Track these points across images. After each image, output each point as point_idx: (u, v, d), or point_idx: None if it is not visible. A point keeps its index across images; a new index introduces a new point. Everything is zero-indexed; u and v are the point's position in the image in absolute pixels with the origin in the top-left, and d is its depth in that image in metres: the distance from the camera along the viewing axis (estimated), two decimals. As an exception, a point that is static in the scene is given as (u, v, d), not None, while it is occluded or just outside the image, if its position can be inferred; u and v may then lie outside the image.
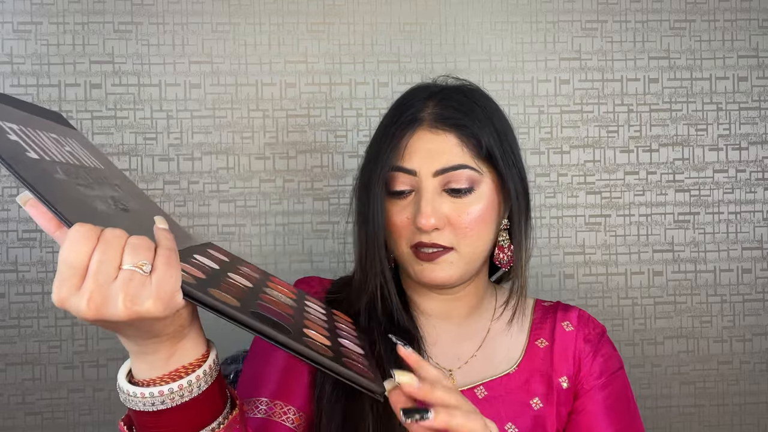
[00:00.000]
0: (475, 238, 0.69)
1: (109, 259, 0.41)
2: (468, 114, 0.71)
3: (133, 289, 0.41)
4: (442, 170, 0.68)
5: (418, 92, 0.74)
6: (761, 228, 1.12)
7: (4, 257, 1.02)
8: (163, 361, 0.47)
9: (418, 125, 0.70)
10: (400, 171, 0.69)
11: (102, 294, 0.40)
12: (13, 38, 1.02)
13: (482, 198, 0.70)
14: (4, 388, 1.02)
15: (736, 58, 1.11)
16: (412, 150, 0.69)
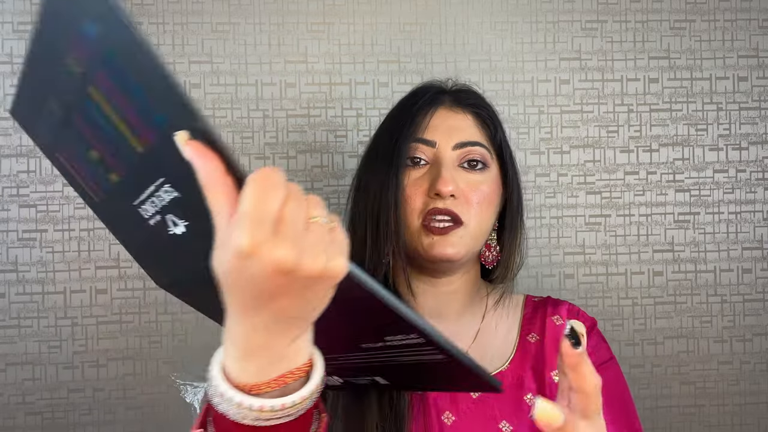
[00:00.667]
0: (481, 215, 0.73)
1: (302, 209, 0.36)
2: (484, 104, 0.78)
3: (325, 243, 0.36)
4: (462, 144, 0.73)
5: (431, 85, 0.80)
6: (761, 228, 1.12)
7: (4, 257, 1.02)
8: (275, 361, 0.40)
9: (440, 104, 0.76)
10: (421, 142, 0.74)
11: (300, 243, 0.35)
12: (13, 38, 1.02)
13: (491, 180, 0.75)
14: (4, 388, 1.02)
15: (736, 58, 1.11)
16: (434, 125, 0.74)
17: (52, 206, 1.03)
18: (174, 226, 0.42)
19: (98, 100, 0.39)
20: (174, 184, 0.40)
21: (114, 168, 0.43)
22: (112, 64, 0.36)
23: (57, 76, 0.41)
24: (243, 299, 0.36)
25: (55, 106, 0.43)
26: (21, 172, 1.03)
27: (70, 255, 1.03)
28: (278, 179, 0.34)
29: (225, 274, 0.36)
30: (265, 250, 0.33)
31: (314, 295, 0.37)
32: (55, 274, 1.03)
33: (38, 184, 1.03)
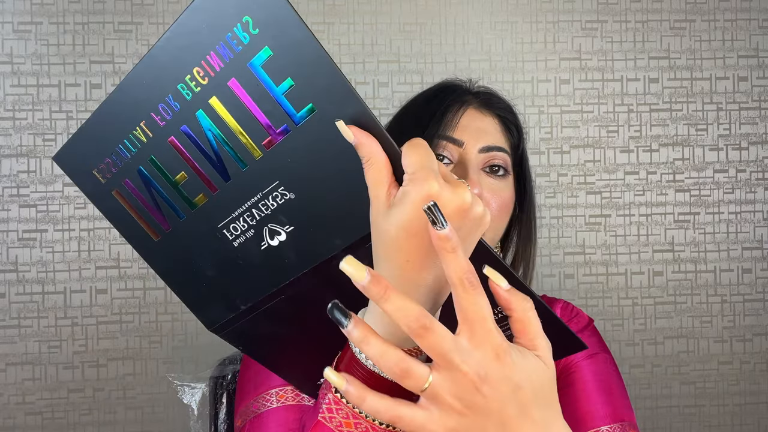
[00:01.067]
0: (497, 222, 0.72)
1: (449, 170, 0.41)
2: (510, 110, 0.77)
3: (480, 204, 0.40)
4: (488, 148, 0.72)
5: (456, 84, 0.79)
6: (761, 228, 1.12)
7: (4, 257, 1.02)
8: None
9: (468, 105, 0.74)
10: (450, 141, 0.72)
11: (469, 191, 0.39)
12: (13, 38, 1.02)
13: (509, 187, 0.74)
14: (4, 388, 1.02)
15: (736, 58, 1.11)
16: (463, 125, 0.73)
17: (52, 206, 1.03)
18: (270, 238, 0.46)
19: (218, 110, 0.43)
20: (291, 186, 0.43)
21: (206, 187, 0.46)
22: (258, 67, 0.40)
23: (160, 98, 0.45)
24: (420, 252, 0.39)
25: (143, 133, 0.47)
26: (21, 172, 1.03)
27: (70, 255, 1.03)
28: (429, 146, 0.39)
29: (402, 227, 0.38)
30: (448, 193, 0.38)
31: (471, 241, 0.41)
32: (55, 274, 1.03)
33: (38, 184, 1.03)
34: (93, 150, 0.50)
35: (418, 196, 0.37)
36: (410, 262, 0.40)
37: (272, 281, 0.47)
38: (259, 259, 0.47)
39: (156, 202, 0.49)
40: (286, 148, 0.42)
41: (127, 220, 0.51)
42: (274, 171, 0.43)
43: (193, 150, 0.45)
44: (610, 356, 0.78)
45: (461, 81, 0.80)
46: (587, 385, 0.73)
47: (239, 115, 0.42)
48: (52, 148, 1.03)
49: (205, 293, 0.52)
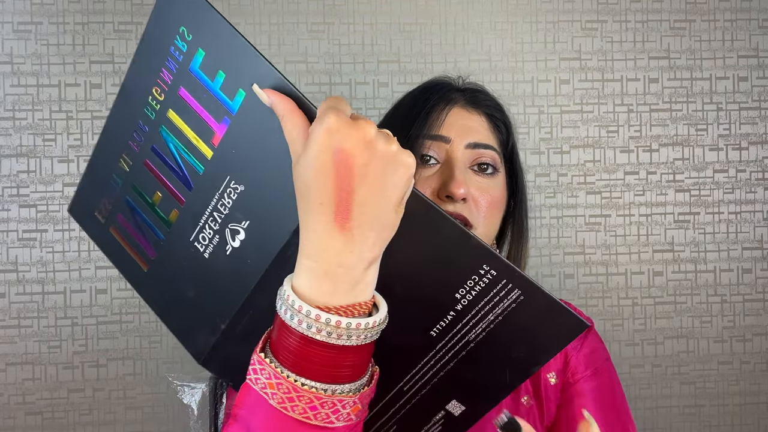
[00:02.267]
0: (489, 220, 0.71)
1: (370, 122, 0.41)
2: (498, 107, 0.76)
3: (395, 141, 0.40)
4: (475, 144, 0.71)
5: (442, 82, 0.78)
6: (761, 228, 1.12)
7: (4, 257, 1.02)
8: (350, 286, 0.41)
9: (454, 103, 0.73)
10: (435, 139, 0.71)
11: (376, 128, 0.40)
12: (13, 38, 1.02)
13: (500, 185, 0.73)
14: (4, 388, 1.02)
15: (736, 58, 1.11)
16: (449, 123, 0.72)
17: (52, 206, 1.03)
18: (232, 240, 0.47)
19: (175, 121, 0.46)
20: (240, 177, 0.45)
21: (176, 201, 0.48)
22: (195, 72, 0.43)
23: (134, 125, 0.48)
24: (324, 193, 0.39)
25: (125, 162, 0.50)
26: (21, 172, 1.03)
27: (70, 255, 1.03)
28: (347, 102, 0.40)
29: (309, 166, 0.39)
30: (349, 126, 0.38)
31: (390, 184, 0.40)
32: (55, 274, 1.03)
33: (38, 184, 1.03)
34: (94, 192, 0.54)
35: (319, 132, 0.38)
36: (324, 205, 0.39)
37: (240, 289, 0.48)
38: (227, 267, 0.48)
39: (140, 227, 0.52)
40: (230, 140, 0.44)
41: (123, 254, 0.54)
42: (224, 166, 0.45)
43: (162, 167, 0.48)
44: (611, 365, 0.78)
45: (449, 78, 0.79)
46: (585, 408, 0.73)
47: (190, 120, 0.45)
48: (52, 148, 1.03)
49: (190, 318, 0.53)
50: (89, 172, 0.54)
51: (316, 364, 0.41)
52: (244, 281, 0.47)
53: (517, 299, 0.44)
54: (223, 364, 0.54)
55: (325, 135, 0.38)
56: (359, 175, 0.39)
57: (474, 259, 0.43)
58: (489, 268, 0.43)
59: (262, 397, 0.42)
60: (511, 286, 0.44)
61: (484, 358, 0.48)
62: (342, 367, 0.42)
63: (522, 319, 0.45)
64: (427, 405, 0.51)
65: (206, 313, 0.51)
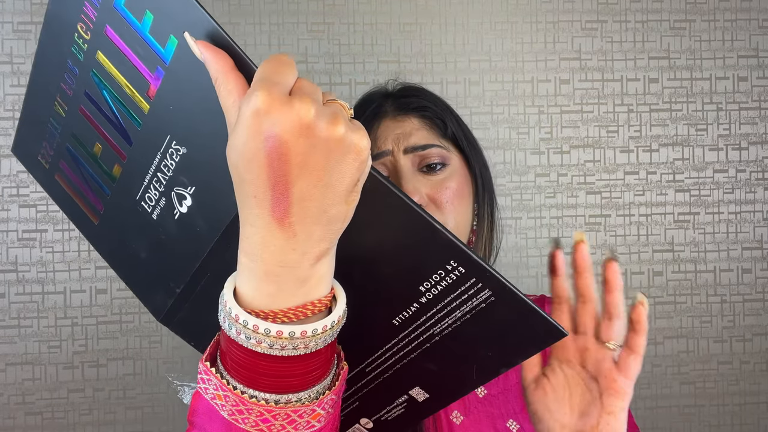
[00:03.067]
0: (456, 213, 0.71)
1: (316, 87, 0.34)
2: (428, 100, 0.75)
3: (345, 117, 0.34)
4: (412, 148, 0.71)
5: (374, 94, 0.78)
6: (761, 228, 1.12)
7: (4, 257, 1.02)
8: (296, 286, 0.36)
9: (383, 116, 0.74)
10: (376, 158, 0.71)
11: (318, 105, 0.32)
12: (13, 38, 1.02)
13: (455, 173, 0.72)
14: (4, 388, 1.02)
15: (736, 58, 1.11)
16: (382, 137, 0.72)
17: (52, 206, 1.03)
18: (179, 205, 0.41)
19: (105, 65, 0.39)
20: (180, 137, 0.38)
21: (117, 155, 0.42)
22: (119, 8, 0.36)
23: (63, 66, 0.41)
24: (259, 183, 0.33)
25: (60, 107, 0.43)
26: (21, 172, 1.03)
27: (70, 255, 1.03)
28: (290, 60, 0.33)
29: (239, 153, 0.33)
30: (281, 106, 0.31)
31: (339, 174, 0.34)
32: (55, 274, 1.03)
33: (38, 184, 1.03)
34: (33, 134, 0.48)
35: (246, 114, 0.32)
36: (258, 198, 0.34)
37: (193, 255, 0.43)
38: (176, 231, 0.43)
39: (86, 179, 0.46)
40: (166, 94, 0.37)
41: (71, 204, 0.49)
42: (163, 124, 0.39)
43: (98, 116, 0.42)
44: None
45: (380, 88, 0.80)
46: None
47: (121, 66, 0.38)
48: (52, 148, 1.03)
49: (145, 278, 0.49)
50: (26, 111, 0.47)
51: (263, 375, 0.37)
52: (196, 247, 0.43)
53: (488, 299, 0.41)
54: (182, 325, 0.51)
55: (253, 118, 0.31)
56: (297, 165, 0.32)
57: (440, 253, 0.39)
58: (457, 265, 0.39)
59: (213, 407, 0.38)
60: (481, 285, 0.40)
61: (450, 353, 0.45)
62: (293, 377, 0.37)
63: (492, 320, 0.42)
64: (389, 388, 0.48)
65: (160, 275, 0.47)
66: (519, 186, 1.09)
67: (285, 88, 0.32)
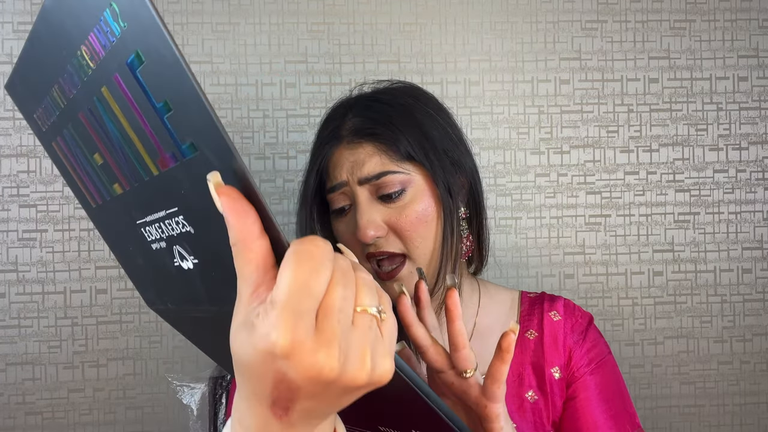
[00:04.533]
0: (420, 239, 0.69)
1: (350, 297, 0.30)
2: (382, 122, 0.70)
3: (372, 342, 0.30)
4: (366, 179, 0.69)
5: (338, 108, 0.76)
6: (761, 228, 1.12)
7: (4, 257, 1.02)
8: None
9: (338, 143, 0.72)
10: (333, 191, 0.71)
11: (345, 345, 0.29)
12: (13, 38, 1.02)
13: (417, 197, 0.69)
14: (4, 388, 1.02)
15: (736, 58, 1.11)
16: (337, 165, 0.71)
17: (52, 206, 1.03)
18: (181, 260, 0.38)
19: (110, 103, 0.34)
20: (189, 219, 0.35)
21: (119, 179, 0.39)
22: (133, 71, 0.31)
23: (64, 65, 0.36)
24: (263, 393, 0.31)
25: (59, 97, 0.39)
26: (21, 172, 1.03)
27: (70, 255, 1.03)
28: (324, 255, 0.29)
29: (245, 362, 0.30)
30: (305, 353, 0.28)
31: (348, 399, 0.32)
32: (55, 274, 1.03)
33: (38, 184, 1.03)
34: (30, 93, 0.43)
35: (261, 343, 0.28)
36: (259, 397, 0.31)
37: (190, 298, 0.41)
38: (175, 274, 0.40)
39: (85, 172, 0.42)
40: (178, 179, 0.33)
41: (70, 176, 0.45)
42: (171, 196, 0.35)
43: (101, 135, 0.37)
44: (612, 357, 0.78)
45: (343, 101, 0.76)
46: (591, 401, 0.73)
47: (129, 118, 0.34)
48: (52, 148, 1.03)
49: (139, 275, 0.47)
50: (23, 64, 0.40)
51: None
52: (192, 295, 0.40)
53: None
54: (173, 321, 0.50)
55: (268, 356, 0.28)
56: (306, 396, 0.30)
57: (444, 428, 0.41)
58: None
59: None
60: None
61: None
62: None
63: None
64: None
65: (154, 285, 0.45)
66: (519, 186, 1.09)
67: (311, 318, 0.28)
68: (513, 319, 0.78)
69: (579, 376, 0.74)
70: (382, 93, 0.75)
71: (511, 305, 0.80)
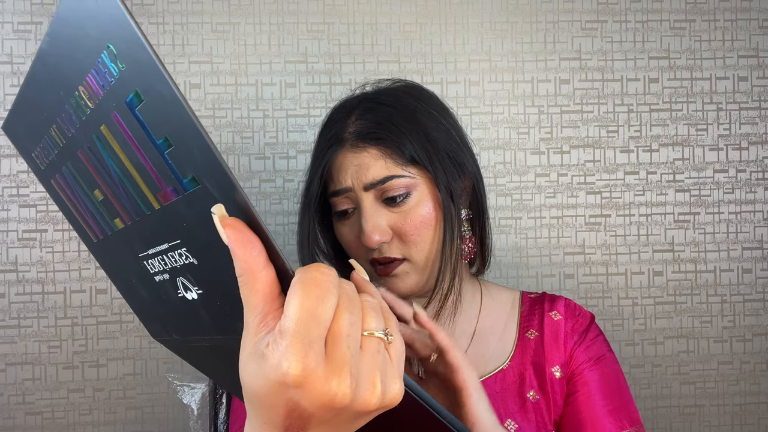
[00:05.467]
0: (423, 243, 0.69)
1: (357, 322, 0.30)
2: (386, 125, 0.70)
3: (381, 365, 0.31)
4: (371, 184, 0.68)
5: (340, 110, 0.75)
6: (761, 228, 1.12)
7: (4, 257, 1.02)
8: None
9: (341, 146, 0.71)
10: (337, 195, 0.71)
11: (356, 370, 0.30)
12: (13, 38, 1.02)
13: (422, 201, 0.69)
14: (4, 388, 1.02)
15: (736, 58, 1.11)
16: (341, 170, 0.70)
17: (52, 206, 1.03)
18: (185, 291, 0.39)
19: (110, 141, 0.35)
20: (192, 250, 0.35)
21: (120, 214, 0.39)
22: (132, 110, 0.32)
23: (61, 107, 0.37)
24: (275, 422, 0.31)
25: (57, 136, 0.40)
26: (21, 172, 1.03)
27: (70, 255, 1.03)
28: (330, 282, 0.30)
29: (255, 393, 0.30)
30: (317, 381, 0.28)
31: (359, 424, 0.32)
32: (55, 274, 1.03)
33: (38, 184, 1.03)
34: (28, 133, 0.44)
35: (272, 373, 0.29)
36: (269, 426, 0.31)
37: (195, 328, 0.42)
38: (179, 305, 0.41)
39: (85, 208, 0.43)
40: (180, 212, 0.34)
41: (69, 213, 0.46)
42: (174, 229, 0.36)
43: (101, 172, 0.38)
44: (613, 355, 0.78)
45: (346, 101, 0.75)
46: (591, 396, 0.73)
47: (130, 155, 0.35)
48: (52, 148, 1.03)
49: (143, 308, 0.48)
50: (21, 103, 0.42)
51: None
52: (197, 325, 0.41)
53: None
54: (178, 350, 0.50)
55: (280, 385, 0.29)
56: (317, 423, 0.31)
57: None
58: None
59: None
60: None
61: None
62: None
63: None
64: None
65: (158, 316, 0.46)
66: (519, 186, 1.09)
67: (321, 346, 0.29)
68: (513, 320, 0.78)
69: (579, 372, 0.74)
70: (385, 94, 0.74)
71: (512, 306, 0.80)
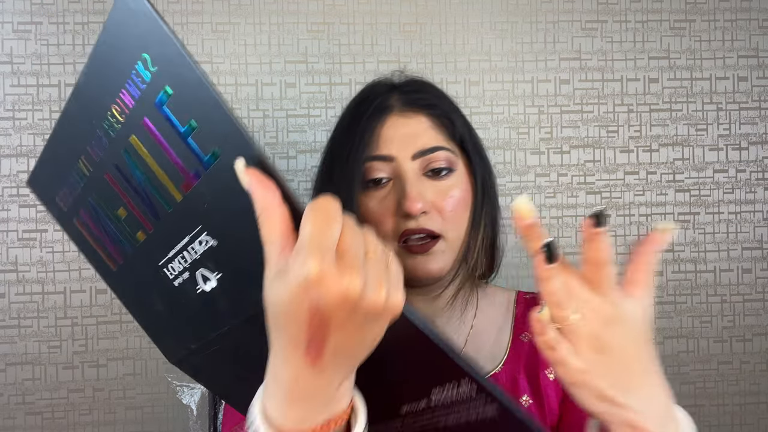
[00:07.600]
0: (458, 222, 0.68)
1: (360, 240, 0.35)
2: (437, 96, 0.70)
3: (384, 275, 0.35)
4: (420, 153, 0.67)
5: (378, 86, 0.73)
6: (761, 228, 1.12)
7: (4, 257, 1.02)
8: (322, 407, 0.38)
9: (389, 112, 0.68)
10: (377, 160, 0.67)
11: (364, 271, 0.34)
12: (13, 38, 1.02)
13: (460, 181, 0.69)
14: (4, 388, 1.02)
15: (736, 58, 1.11)
16: (387, 137, 0.67)
17: (52, 206, 1.03)
18: (204, 283, 0.43)
19: (138, 149, 0.40)
20: (213, 231, 0.40)
21: (143, 224, 0.44)
22: (161, 108, 0.37)
23: (92, 134, 0.43)
24: (297, 334, 0.35)
25: (85, 166, 0.45)
26: (21, 172, 1.03)
27: (70, 255, 1.03)
28: (336, 209, 0.34)
29: (281, 305, 0.34)
30: (331, 278, 0.32)
31: (369, 332, 0.36)
32: (55, 274, 1.03)
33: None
34: (53, 178, 0.49)
35: (295, 279, 0.33)
36: (294, 342, 0.35)
37: (212, 325, 0.45)
38: (197, 303, 0.44)
39: (108, 233, 0.48)
40: (201, 193, 0.39)
41: (89, 248, 0.50)
42: (195, 215, 0.40)
43: (126, 188, 0.43)
44: None
45: (385, 79, 0.74)
46: None
47: (156, 155, 0.40)
48: (52, 148, 1.03)
49: (160, 326, 0.51)
50: (47, 153, 0.48)
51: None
52: (216, 320, 0.44)
53: (493, 416, 0.44)
54: (194, 369, 0.52)
55: (302, 288, 0.33)
56: (335, 327, 0.34)
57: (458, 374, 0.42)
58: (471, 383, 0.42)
59: None
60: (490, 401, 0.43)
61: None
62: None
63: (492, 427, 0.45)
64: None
65: (176, 329, 0.49)
66: (519, 186, 1.09)
67: (333, 253, 0.33)
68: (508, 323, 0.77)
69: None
70: (425, 80, 0.74)
71: (507, 307, 0.78)
